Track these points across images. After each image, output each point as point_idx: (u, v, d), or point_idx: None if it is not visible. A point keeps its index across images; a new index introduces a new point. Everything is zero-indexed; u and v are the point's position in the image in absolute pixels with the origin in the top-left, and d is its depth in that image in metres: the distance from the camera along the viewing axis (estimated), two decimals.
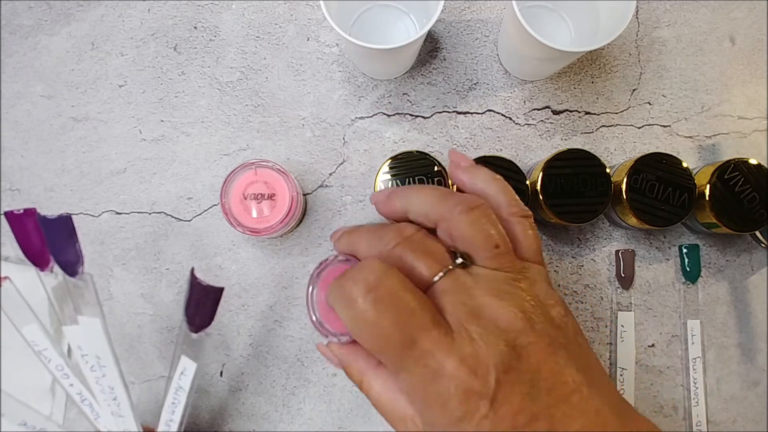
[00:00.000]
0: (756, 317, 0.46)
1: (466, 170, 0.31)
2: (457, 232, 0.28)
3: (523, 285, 0.27)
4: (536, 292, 0.27)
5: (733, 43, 0.47)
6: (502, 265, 0.27)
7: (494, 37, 0.46)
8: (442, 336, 0.24)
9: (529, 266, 0.28)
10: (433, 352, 0.24)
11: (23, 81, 0.46)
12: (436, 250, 0.27)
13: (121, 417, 0.34)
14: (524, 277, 0.27)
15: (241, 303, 0.45)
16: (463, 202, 0.28)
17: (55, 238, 0.33)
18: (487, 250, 0.27)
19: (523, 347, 0.25)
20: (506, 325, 0.25)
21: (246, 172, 0.40)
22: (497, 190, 0.30)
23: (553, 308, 0.27)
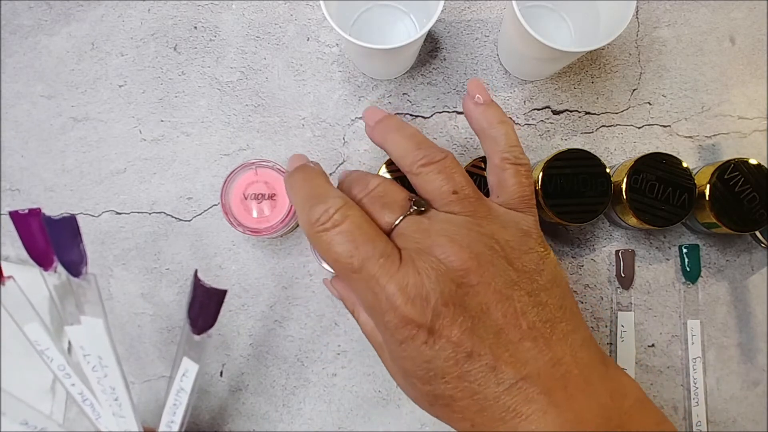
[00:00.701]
0: (756, 317, 0.46)
1: (478, 106, 0.32)
2: (417, 186, 0.30)
3: (484, 229, 0.28)
4: (505, 236, 0.28)
5: (733, 43, 0.47)
6: (461, 209, 0.28)
7: (494, 37, 0.46)
8: (388, 264, 0.27)
9: (503, 212, 0.29)
10: (377, 277, 0.26)
11: (23, 81, 0.46)
12: (397, 198, 0.29)
13: (122, 417, 0.34)
14: (488, 222, 0.28)
15: (241, 303, 0.45)
16: (425, 156, 0.29)
17: (60, 239, 0.33)
18: (442, 198, 0.29)
19: (471, 286, 0.26)
20: (454, 264, 0.26)
21: (246, 172, 0.40)
22: (499, 134, 0.31)
23: (525, 254, 0.28)
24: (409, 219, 0.28)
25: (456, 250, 0.26)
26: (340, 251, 0.27)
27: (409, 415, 0.44)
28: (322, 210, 0.27)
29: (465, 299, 0.26)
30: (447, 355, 0.26)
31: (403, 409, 0.44)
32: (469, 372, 0.26)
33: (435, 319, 0.26)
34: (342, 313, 0.44)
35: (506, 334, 0.26)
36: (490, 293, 0.26)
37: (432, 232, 0.27)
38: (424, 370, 0.27)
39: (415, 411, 0.44)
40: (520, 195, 0.30)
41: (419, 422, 0.44)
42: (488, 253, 0.27)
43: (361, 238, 0.27)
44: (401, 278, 0.26)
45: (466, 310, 0.26)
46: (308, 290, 0.45)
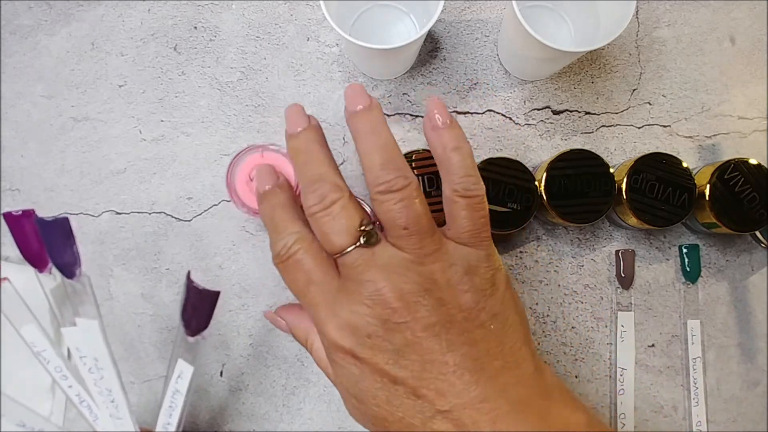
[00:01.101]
0: (756, 317, 0.46)
1: (435, 129, 0.31)
2: (374, 208, 0.30)
3: (425, 268, 0.28)
4: (446, 275, 0.28)
5: (733, 43, 0.47)
6: (407, 246, 0.29)
7: (494, 37, 0.46)
8: (326, 292, 0.29)
9: (452, 248, 0.29)
10: (315, 302, 0.29)
11: (23, 81, 0.46)
12: (350, 225, 0.29)
13: (119, 419, 0.34)
14: (433, 260, 0.29)
15: (241, 303, 0.45)
16: (386, 183, 0.29)
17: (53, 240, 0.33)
18: (393, 231, 0.29)
19: (397, 323, 0.28)
20: (383, 302, 0.28)
21: (253, 154, 0.40)
22: (453, 161, 0.30)
23: (464, 293, 0.28)
24: (356, 251, 0.29)
25: (388, 289, 0.28)
26: (291, 277, 0.30)
27: None
28: (281, 245, 0.31)
29: (390, 334, 0.28)
30: (374, 379, 0.28)
31: None
32: (395, 396, 0.28)
33: (359, 348, 0.28)
34: None
35: (431, 369, 0.27)
36: (417, 330, 0.27)
37: (372, 268, 0.28)
38: (357, 390, 0.29)
39: None
40: (469, 230, 0.30)
41: None
42: (421, 293, 0.28)
43: (307, 265, 0.30)
44: (334, 306, 0.29)
45: (391, 343, 0.28)
46: None
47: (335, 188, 0.30)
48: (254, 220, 0.45)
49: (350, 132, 0.32)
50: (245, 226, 0.45)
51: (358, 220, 0.29)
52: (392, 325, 0.28)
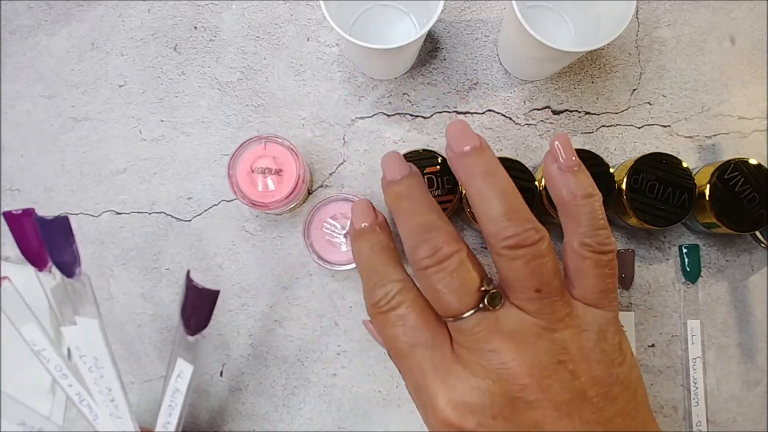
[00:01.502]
0: (756, 317, 0.46)
1: (563, 174, 0.27)
2: (497, 264, 0.26)
3: (557, 335, 0.25)
4: (579, 343, 0.25)
5: (733, 43, 0.47)
6: (538, 310, 0.25)
7: (494, 37, 0.46)
8: (437, 358, 0.25)
9: (580, 313, 0.26)
10: (423, 369, 0.25)
11: (23, 81, 0.46)
12: (469, 284, 0.25)
13: (119, 418, 0.34)
14: (564, 326, 0.25)
15: (241, 303, 0.45)
16: (515, 236, 0.25)
17: (52, 239, 0.33)
18: (521, 293, 0.25)
19: (526, 401, 0.24)
20: (512, 377, 0.24)
21: (255, 146, 0.40)
22: (583, 212, 0.27)
23: (598, 363, 0.25)
24: (477, 315, 0.25)
25: (517, 362, 0.24)
26: (392, 333, 0.26)
27: (409, 415, 0.44)
28: (382, 293, 0.27)
29: (517, 415, 0.24)
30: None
31: (403, 409, 0.44)
32: None
33: (480, 430, 0.24)
34: (342, 313, 0.44)
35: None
36: (548, 410, 0.24)
37: (496, 334, 0.25)
38: None
39: (414, 411, 0.43)
40: (600, 290, 0.26)
41: (419, 422, 0.44)
42: (554, 366, 0.24)
43: (412, 322, 0.26)
44: (448, 378, 0.25)
45: (518, 425, 0.24)
46: (308, 290, 0.44)
47: (451, 240, 0.26)
48: (254, 219, 0.45)
49: (457, 175, 0.28)
50: (245, 226, 0.45)
51: (479, 279, 0.26)
52: (521, 405, 0.24)
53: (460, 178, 0.28)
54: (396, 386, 0.44)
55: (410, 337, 0.26)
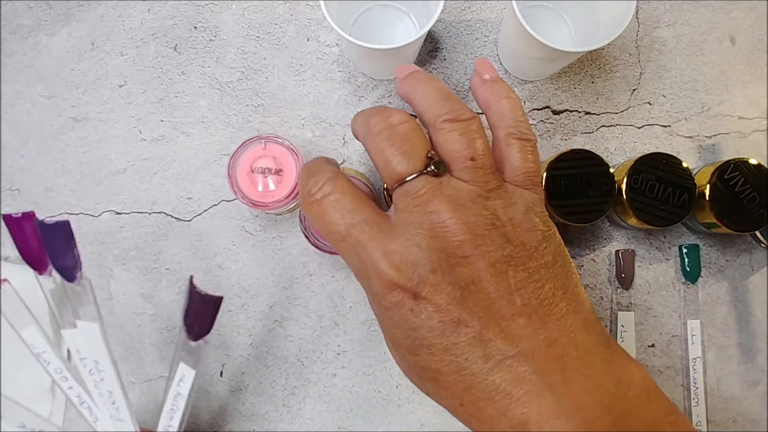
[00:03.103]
0: (756, 317, 0.46)
1: (485, 82, 0.31)
2: (436, 138, 0.28)
3: (490, 203, 0.27)
4: (508, 213, 0.27)
5: (733, 43, 0.47)
6: (473, 178, 0.27)
7: (494, 37, 0.46)
8: (375, 230, 0.27)
9: (511, 189, 0.28)
10: (362, 243, 0.27)
11: (23, 81, 0.46)
12: (416, 149, 0.28)
13: (120, 420, 0.34)
14: (496, 197, 0.27)
15: (241, 303, 0.45)
16: (451, 111, 0.28)
17: (53, 243, 0.33)
18: (458, 163, 0.28)
19: (463, 257, 0.26)
20: (449, 234, 0.26)
21: (255, 146, 0.40)
22: (504, 108, 0.30)
23: (527, 231, 0.27)
24: (423, 178, 0.27)
25: (455, 220, 0.26)
26: (328, 219, 0.28)
27: (409, 415, 0.44)
28: (312, 182, 0.28)
29: (455, 269, 0.26)
30: (433, 324, 0.25)
31: (403, 409, 0.44)
32: (456, 344, 0.25)
33: (421, 285, 0.25)
34: (342, 313, 0.44)
35: (498, 309, 0.25)
36: (483, 266, 0.26)
37: (438, 197, 0.26)
38: (410, 339, 0.26)
39: (414, 411, 0.44)
40: (525, 171, 0.29)
41: (419, 422, 0.44)
42: (487, 227, 0.26)
43: (348, 205, 0.27)
44: (387, 243, 0.26)
45: (456, 279, 0.25)
46: (308, 290, 0.45)
47: (402, 112, 0.28)
48: (254, 219, 0.45)
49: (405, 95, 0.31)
50: (245, 226, 0.45)
51: (427, 146, 0.28)
52: (457, 260, 0.26)
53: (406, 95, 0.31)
54: (396, 386, 0.44)
55: (348, 219, 0.27)
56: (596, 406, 0.24)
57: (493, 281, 0.26)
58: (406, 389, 0.44)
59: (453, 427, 0.44)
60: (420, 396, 0.44)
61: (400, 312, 0.26)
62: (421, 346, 0.26)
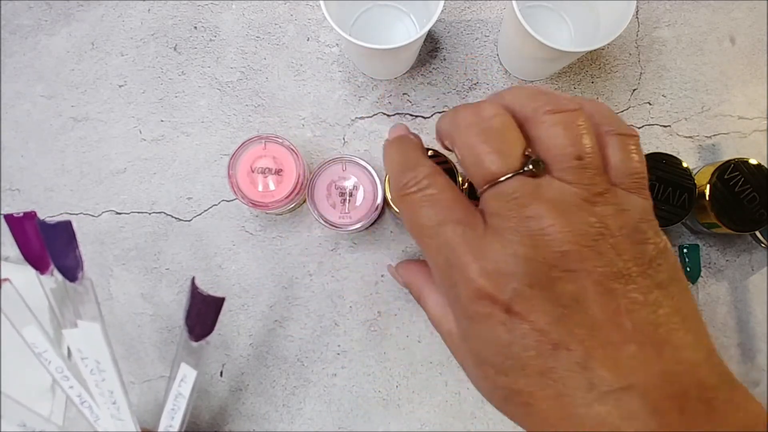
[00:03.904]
0: (756, 317, 0.46)
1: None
2: (535, 133, 0.24)
3: (598, 209, 0.23)
4: (619, 222, 0.23)
5: (733, 43, 0.47)
6: (579, 180, 0.23)
7: (494, 37, 0.46)
8: (469, 232, 0.24)
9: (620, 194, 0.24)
10: (452, 244, 0.24)
11: (23, 81, 0.46)
12: (511, 146, 0.24)
13: (121, 420, 0.34)
14: (605, 202, 0.23)
15: (241, 303, 0.45)
16: (554, 101, 0.24)
17: (55, 244, 0.33)
18: (563, 161, 0.24)
19: (567, 271, 0.22)
20: (550, 243, 0.22)
21: (255, 146, 0.40)
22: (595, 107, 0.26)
23: (640, 244, 0.23)
24: (519, 179, 0.23)
25: (558, 228, 0.22)
26: (420, 214, 0.25)
27: (409, 415, 0.44)
28: (410, 176, 0.26)
29: (557, 284, 0.22)
30: (528, 344, 0.22)
31: (403, 409, 0.44)
32: (554, 368, 0.22)
33: (516, 299, 0.22)
34: (342, 313, 0.44)
35: (605, 333, 0.22)
36: (589, 283, 0.22)
37: (536, 200, 0.23)
38: (500, 357, 0.23)
39: (414, 411, 0.44)
40: (631, 172, 0.25)
41: (419, 422, 0.44)
42: (595, 237, 0.22)
43: (443, 201, 0.25)
44: (481, 247, 0.23)
45: (557, 296, 0.22)
46: (308, 290, 0.45)
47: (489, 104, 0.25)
48: (254, 219, 0.45)
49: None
50: (245, 226, 0.45)
51: (523, 142, 0.24)
52: (560, 274, 0.22)
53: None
54: (396, 386, 0.44)
55: (441, 216, 0.25)
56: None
57: (600, 301, 0.22)
58: (406, 389, 0.44)
59: (453, 427, 0.44)
60: (420, 396, 0.44)
61: (489, 325, 0.23)
62: (513, 366, 0.23)
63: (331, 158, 0.41)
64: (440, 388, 0.44)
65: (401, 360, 0.44)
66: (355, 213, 0.41)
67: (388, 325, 0.44)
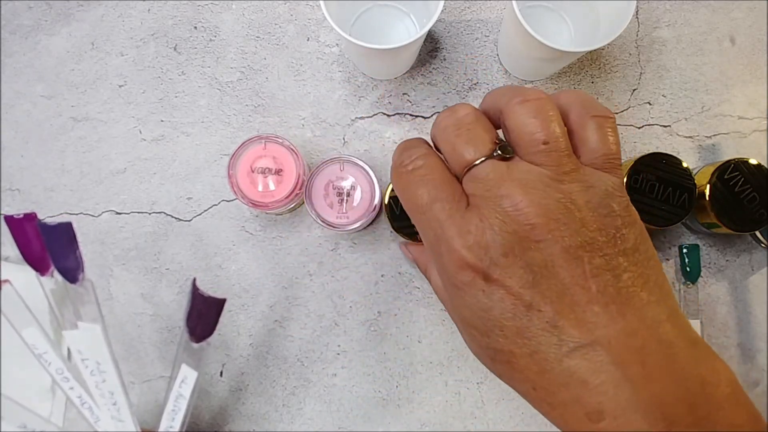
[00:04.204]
0: (756, 317, 0.46)
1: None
2: (508, 123, 0.27)
3: (564, 186, 0.26)
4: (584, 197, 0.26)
5: (733, 43, 0.47)
6: (545, 161, 0.26)
7: (494, 37, 0.46)
8: (453, 209, 0.27)
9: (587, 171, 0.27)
10: (440, 219, 0.27)
11: (23, 81, 0.46)
12: (483, 135, 0.27)
13: (121, 421, 0.34)
14: (571, 180, 0.26)
15: (241, 303, 0.45)
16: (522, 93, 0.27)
17: (55, 245, 0.33)
18: (531, 145, 0.26)
19: (536, 241, 0.25)
20: (521, 217, 0.25)
21: (255, 146, 0.40)
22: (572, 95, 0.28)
23: (605, 217, 0.26)
24: (489, 163, 0.27)
25: (526, 203, 0.25)
26: (413, 192, 0.28)
27: (409, 415, 0.44)
28: (407, 155, 0.29)
29: (528, 253, 0.25)
30: (504, 306, 0.25)
31: (403, 409, 0.44)
32: (528, 327, 0.25)
33: (493, 267, 0.25)
34: (342, 313, 0.44)
35: (572, 295, 0.24)
36: (556, 251, 0.25)
37: (507, 181, 0.26)
38: (481, 320, 0.26)
39: (414, 411, 0.44)
40: (604, 153, 0.27)
41: (419, 422, 0.44)
42: (561, 211, 0.25)
43: (433, 181, 0.28)
44: (463, 223, 0.26)
45: (528, 264, 0.25)
46: (308, 290, 0.45)
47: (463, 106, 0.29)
48: (254, 219, 0.45)
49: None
50: (245, 226, 0.45)
51: (492, 132, 0.28)
52: (530, 244, 0.25)
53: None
54: (396, 386, 0.44)
55: (432, 194, 0.27)
56: (678, 404, 0.23)
57: (566, 267, 0.25)
58: (406, 389, 0.44)
59: (453, 427, 0.44)
60: (420, 396, 0.44)
61: (472, 292, 0.26)
62: (493, 328, 0.26)
63: (329, 158, 0.41)
64: (440, 388, 0.44)
65: (401, 360, 0.44)
66: (353, 213, 0.41)
67: (388, 325, 0.44)
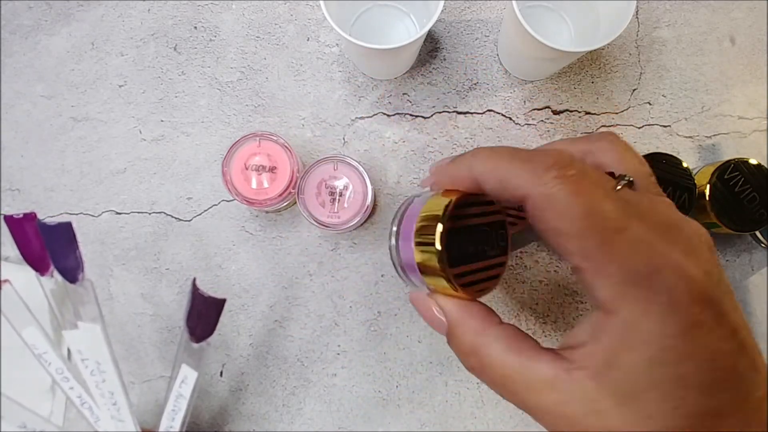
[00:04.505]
0: (756, 317, 0.46)
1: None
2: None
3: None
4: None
5: (733, 43, 0.47)
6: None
7: (494, 37, 0.46)
8: (649, 232, 0.21)
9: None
10: (649, 240, 0.21)
11: (23, 81, 0.46)
12: (602, 177, 0.22)
13: (121, 421, 0.34)
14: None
15: (241, 303, 0.45)
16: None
17: (55, 245, 0.33)
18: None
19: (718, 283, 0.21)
20: (708, 245, 0.22)
21: (250, 143, 0.40)
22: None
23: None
24: (624, 192, 0.23)
25: (704, 231, 0.24)
26: (603, 207, 0.21)
27: (408, 415, 0.44)
28: (562, 156, 0.23)
29: (716, 290, 0.21)
30: (731, 348, 0.20)
31: (403, 409, 0.44)
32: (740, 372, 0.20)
33: (724, 298, 0.20)
34: (342, 313, 0.44)
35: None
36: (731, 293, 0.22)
37: (660, 208, 0.24)
38: (708, 371, 0.20)
39: (414, 411, 0.44)
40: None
41: (419, 422, 0.44)
42: None
43: (613, 191, 0.23)
44: (669, 250, 0.21)
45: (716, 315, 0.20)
46: (308, 290, 0.45)
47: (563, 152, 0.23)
48: (254, 219, 0.45)
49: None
50: (245, 226, 0.45)
51: (605, 174, 0.24)
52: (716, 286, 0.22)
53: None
54: (396, 386, 0.44)
55: (626, 210, 0.22)
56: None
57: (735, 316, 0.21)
58: (406, 389, 0.44)
59: (453, 427, 0.44)
60: (420, 396, 0.44)
61: (700, 332, 0.20)
62: (718, 381, 0.20)
63: (324, 157, 0.41)
64: (440, 388, 0.44)
65: (401, 360, 0.44)
66: (344, 213, 0.41)
67: (388, 325, 0.44)
